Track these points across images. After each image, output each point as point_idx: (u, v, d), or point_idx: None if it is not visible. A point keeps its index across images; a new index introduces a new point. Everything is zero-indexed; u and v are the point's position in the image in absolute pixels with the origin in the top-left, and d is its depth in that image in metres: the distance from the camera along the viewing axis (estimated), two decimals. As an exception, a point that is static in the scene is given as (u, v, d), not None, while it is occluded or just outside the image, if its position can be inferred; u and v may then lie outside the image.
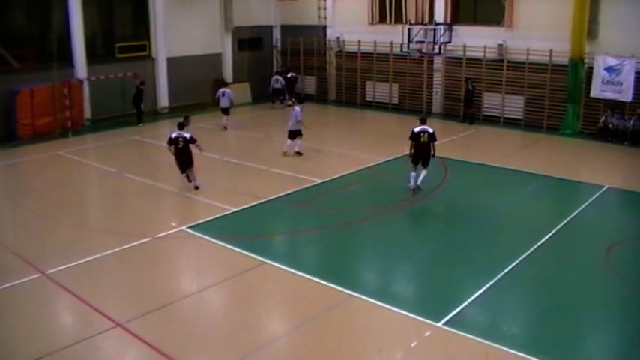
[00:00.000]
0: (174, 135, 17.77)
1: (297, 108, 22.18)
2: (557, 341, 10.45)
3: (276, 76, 32.63)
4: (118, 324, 10.76)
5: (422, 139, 17.68)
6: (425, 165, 17.84)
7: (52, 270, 12.81)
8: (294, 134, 22.04)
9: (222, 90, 27.04)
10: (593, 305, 11.82)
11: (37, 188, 18.59)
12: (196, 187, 18.02)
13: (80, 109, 26.55)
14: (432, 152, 17.77)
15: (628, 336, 10.87)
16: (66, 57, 26.36)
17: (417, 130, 17.80)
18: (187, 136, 17.72)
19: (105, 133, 25.72)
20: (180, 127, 17.97)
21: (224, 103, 26.71)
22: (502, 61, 27.49)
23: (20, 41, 26.01)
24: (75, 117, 25.85)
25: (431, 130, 17.71)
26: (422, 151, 17.71)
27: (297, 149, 22.10)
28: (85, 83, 26.78)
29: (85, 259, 13.37)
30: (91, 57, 27.28)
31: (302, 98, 24.06)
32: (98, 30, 28.55)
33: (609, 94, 24.52)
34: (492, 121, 27.98)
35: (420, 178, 17.95)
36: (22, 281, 12.38)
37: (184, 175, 18.06)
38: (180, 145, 17.60)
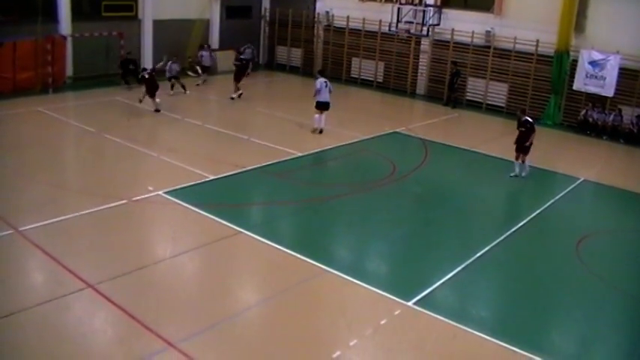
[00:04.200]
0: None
1: (324, 79, 21.46)
2: (523, 326, 10.65)
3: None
4: (89, 285, 10.74)
5: None
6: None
7: (25, 227, 12.70)
8: (327, 106, 21.49)
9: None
10: (561, 294, 12.02)
11: (14, 144, 18.32)
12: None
13: (62, 66, 26.17)
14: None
15: (592, 325, 11.08)
16: (51, 12, 25.88)
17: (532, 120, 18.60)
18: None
19: (86, 92, 25.35)
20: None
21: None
22: (489, 47, 27.51)
23: (4, -7, 25.52)
24: (56, 73, 25.49)
25: None
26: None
27: (323, 125, 21.57)
28: (69, 40, 26.35)
29: (60, 218, 13.29)
30: (77, 14, 26.79)
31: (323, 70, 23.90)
32: (85, -14, 28.11)
33: (592, 88, 24.69)
34: (475, 106, 28.09)
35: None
36: (-6, 236, 12.30)
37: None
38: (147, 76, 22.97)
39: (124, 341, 9.49)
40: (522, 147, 18.29)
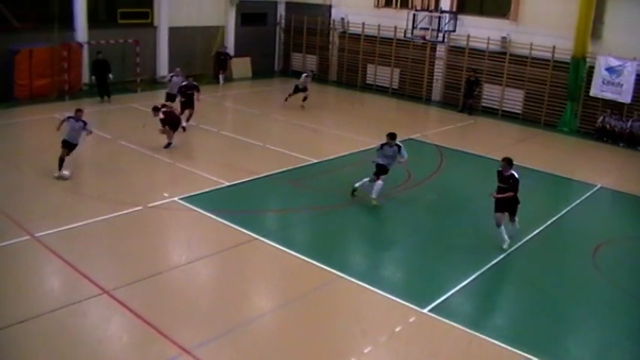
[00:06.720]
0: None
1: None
2: (539, 335, 10.55)
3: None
4: (105, 291, 10.77)
5: None
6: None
7: (42, 233, 12.78)
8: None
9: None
10: (577, 302, 11.92)
11: (31, 150, 18.47)
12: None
13: (78, 73, 26.35)
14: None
15: (609, 333, 10.96)
16: (67, 19, 26.09)
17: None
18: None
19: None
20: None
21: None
22: (505, 53, 27.41)
23: (22, 0, 25.71)
24: (73, 80, 25.67)
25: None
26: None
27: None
28: (85, 47, 26.54)
29: (76, 224, 13.36)
30: (93, 21, 27.03)
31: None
32: (101, -7, 28.34)
33: (609, 95, 24.52)
34: (491, 113, 27.98)
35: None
36: (11, 243, 12.36)
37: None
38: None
39: (139, 347, 9.51)
40: (504, 206, 13.87)
